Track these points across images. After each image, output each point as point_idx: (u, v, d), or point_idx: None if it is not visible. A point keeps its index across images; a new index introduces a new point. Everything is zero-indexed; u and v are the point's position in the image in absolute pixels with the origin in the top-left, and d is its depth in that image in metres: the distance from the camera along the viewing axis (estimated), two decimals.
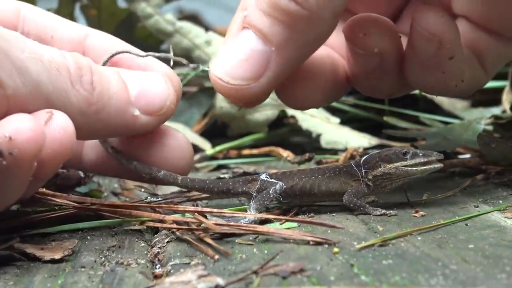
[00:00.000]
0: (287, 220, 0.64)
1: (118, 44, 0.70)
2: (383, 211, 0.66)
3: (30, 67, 0.56)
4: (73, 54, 0.62)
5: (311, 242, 0.58)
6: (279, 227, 0.62)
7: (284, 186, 0.67)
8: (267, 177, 0.68)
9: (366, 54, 0.67)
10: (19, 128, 0.54)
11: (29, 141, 0.54)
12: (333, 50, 0.72)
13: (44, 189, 0.69)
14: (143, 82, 0.65)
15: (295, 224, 0.64)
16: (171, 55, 0.68)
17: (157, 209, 0.67)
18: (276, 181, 0.68)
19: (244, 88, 0.64)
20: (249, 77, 0.63)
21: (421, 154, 0.66)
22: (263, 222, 0.65)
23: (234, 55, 0.63)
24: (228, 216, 0.64)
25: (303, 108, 0.76)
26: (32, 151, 0.54)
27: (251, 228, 0.61)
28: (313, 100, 0.71)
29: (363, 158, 0.68)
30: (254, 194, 0.68)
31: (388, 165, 0.67)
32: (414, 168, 0.66)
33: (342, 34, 0.68)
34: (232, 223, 0.62)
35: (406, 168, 0.66)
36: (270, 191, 0.67)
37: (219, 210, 0.64)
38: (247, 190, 0.69)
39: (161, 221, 0.65)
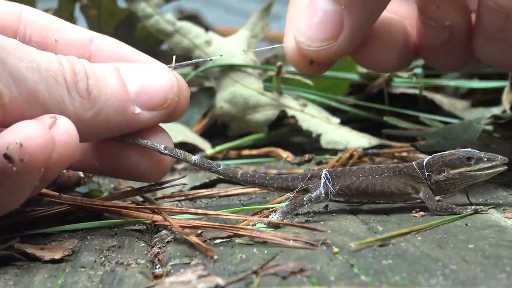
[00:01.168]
0: (269, 222, 0.64)
1: (124, 48, 0.70)
2: (474, 207, 0.65)
3: (27, 77, 0.56)
4: (69, 58, 0.61)
5: (296, 245, 0.58)
6: (263, 229, 0.62)
7: (323, 195, 0.66)
8: (326, 174, 0.67)
9: (437, 27, 0.69)
10: (29, 134, 0.54)
11: (40, 148, 0.54)
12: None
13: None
14: (144, 77, 0.64)
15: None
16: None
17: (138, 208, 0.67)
18: (326, 185, 0.66)
19: (324, 48, 0.67)
20: (327, 37, 0.67)
21: (485, 159, 0.65)
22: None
23: (310, 19, 0.67)
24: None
25: (376, 69, 0.80)
26: (42, 157, 0.54)
27: (234, 230, 0.61)
28: (386, 62, 0.73)
29: (425, 161, 0.67)
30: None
31: (452, 171, 0.66)
32: (479, 173, 0.66)
33: (413, 6, 0.70)
34: (204, 223, 0.62)
35: (470, 173, 0.66)
36: (305, 198, 0.66)
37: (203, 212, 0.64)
38: (306, 186, 0.68)
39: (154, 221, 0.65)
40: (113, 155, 0.67)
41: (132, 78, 0.64)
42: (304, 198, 0.66)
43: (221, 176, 0.69)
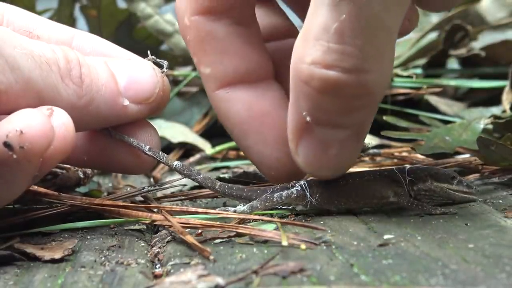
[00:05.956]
0: (269, 221, 0.64)
1: (105, 44, 0.70)
2: (443, 209, 0.66)
3: (22, 64, 0.57)
4: (62, 47, 0.63)
5: (294, 244, 0.58)
6: (263, 227, 0.62)
7: (294, 194, 0.66)
8: (303, 184, 0.67)
9: None
10: (29, 122, 0.55)
11: (40, 135, 0.55)
12: None
13: (41, 189, 0.69)
14: (132, 71, 0.66)
15: (273, 225, 0.64)
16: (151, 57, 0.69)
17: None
18: (303, 192, 0.66)
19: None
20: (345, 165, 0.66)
21: (465, 184, 0.67)
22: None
23: (322, 151, 0.63)
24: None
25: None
26: (42, 145, 0.55)
27: (233, 228, 0.61)
28: None
29: (408, 167, 0.68)
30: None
31: (435, 183, 0.67)
32: (456, 194, 0.67)
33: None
34: (204, 222, 0.63)
35: (449, 191, 0.67)
36: (275, 195, 0.66)
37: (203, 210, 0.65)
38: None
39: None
40: (101, 150, 0.69)
41: (121, 71, 0.66)
42: (275, 195, 0.66)
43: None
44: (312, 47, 0.57)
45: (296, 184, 0.67)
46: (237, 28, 0.68)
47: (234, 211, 0.65)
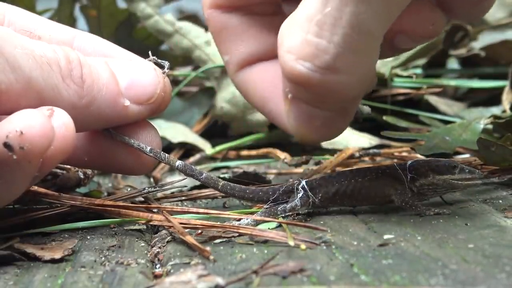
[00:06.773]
0: (269, 221, 0.64)
1: (106, 45, 0.70)
2: (436, 210, 0.66)
3: (22, 63, 0.57)
4: (63, 47, 0.63)
5: (294, 244, 0.58)
6: (264, 228, 0.62)
7: (299, 206, 0.66)
8: (304, 186, 0.67)
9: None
10: (29, 123, 0.55)
11: (40, 136, 0.55)
12: None
13: (41, 189, 0.69)
14: (133, 72, 0.66)
15: (274, 224, 0.64)
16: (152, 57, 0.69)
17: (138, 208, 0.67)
18: (304, 196, 0.66)
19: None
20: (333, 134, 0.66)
21: (467, 170, 0.67)
22: None
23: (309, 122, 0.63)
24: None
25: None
26: (42, 146, 0.55)
27: (234, 229, 0.61)
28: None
29: (409, 163, 0.67)
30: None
31: (437, 176, 0.67)
32: (460, 182, 0.67)
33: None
34: (205, 223, 0.63)
35: (452, 181, 0.67)
36: (279, 209, 0.66)
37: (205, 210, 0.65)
38: (287, 199, 0.68)
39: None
40: (101, 151, 0.69)
41: (122, 72, 0.66)
42: (279, 209, 0.66)
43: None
44: (292, 34, 0.57)
45: (299, 188, 0.67)
46: (252, 17, 0.69)
47: (239, 224, 0.64)
